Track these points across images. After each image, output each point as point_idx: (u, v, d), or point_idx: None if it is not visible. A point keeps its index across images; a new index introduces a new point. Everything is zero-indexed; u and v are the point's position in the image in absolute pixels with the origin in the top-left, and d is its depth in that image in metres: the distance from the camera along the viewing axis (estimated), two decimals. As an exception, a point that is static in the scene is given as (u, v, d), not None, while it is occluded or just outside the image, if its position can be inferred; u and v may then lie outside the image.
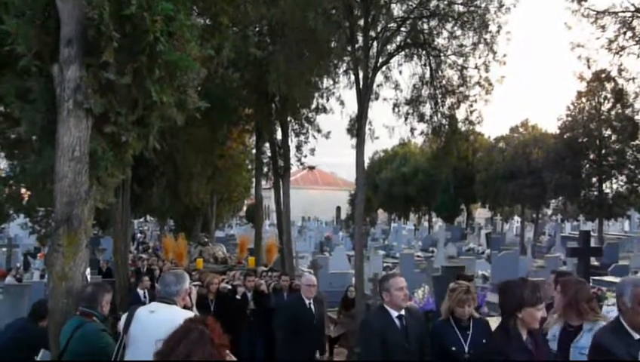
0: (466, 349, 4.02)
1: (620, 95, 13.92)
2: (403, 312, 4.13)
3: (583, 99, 24.54)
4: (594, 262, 18.18)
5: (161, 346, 2.17)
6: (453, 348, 4.02)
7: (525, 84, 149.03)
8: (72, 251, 4.23)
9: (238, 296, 7.77)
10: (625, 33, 10.11)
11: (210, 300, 7.52)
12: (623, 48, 10.19)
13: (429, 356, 4.20)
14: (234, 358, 2.38)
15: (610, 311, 6.69)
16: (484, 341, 3.93)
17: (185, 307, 4.00)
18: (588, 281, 10.00)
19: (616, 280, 10.11)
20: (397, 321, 4.10)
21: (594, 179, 25.01)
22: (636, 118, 14.08)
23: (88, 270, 4.51)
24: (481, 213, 49.04)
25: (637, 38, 9.99)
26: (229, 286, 8.02)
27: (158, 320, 3.61)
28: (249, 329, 7.74)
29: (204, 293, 7.45)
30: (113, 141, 4.60)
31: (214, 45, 5.29)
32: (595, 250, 11.13)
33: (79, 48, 4.18)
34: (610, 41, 10.29)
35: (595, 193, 24.85)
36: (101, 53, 4.09)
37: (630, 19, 10.05)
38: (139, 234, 35.71)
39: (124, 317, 3.89)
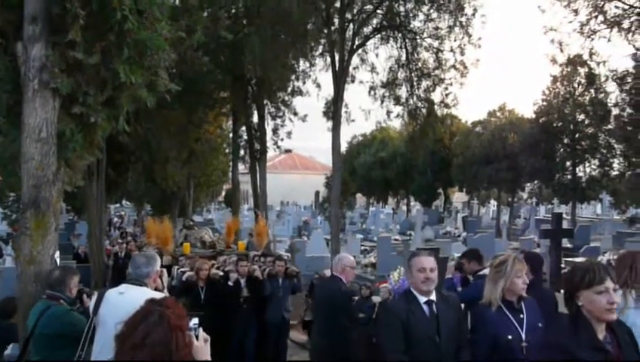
0: (524, 336, 3.30)
1: (591, 78, 14.13)
2: (433, 297, 3.45)
3: (558, 84, 24.86)
4: (567, 244, 18.63)
5: (120, 328, 2.14)
6: (509, 337, 3.27)
7: (503, 69, 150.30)
8: (39, 234, 4.16)
9: (230, 283, 7.26)
10: (596, 17, 10.23)
11: (201, 287, 7.11)
12: (594, 32, 10.30)
13: (466, 352, 3.47)
14: (195, 342, 2.34)
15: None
16: (539, 324, 3.37)
17: (156, 289, 3.98)
18: (560, 262, 10.28)
19: (587, 261, 10.35)
20: (425, 308, 3.42)
21: (568, 163, 25.45)
22: (608, 101, 14.31)
23: (57, 253, 4.44)
24: (458, 197, 49.60)
25: (608, 22, 10.10)
26: (221, 273, 7.52)
27: (127, 301, 3.57)
28: (242, 318, 7.30)
29: (194, 280, 7.10)
30: (82, 122, 4.50)
31: (183, 27, 5.18)
32: (566, 232, 11.35)
33: (44, 26, 4.06)
34: (582, 25, 10.41)
35: (569, 177, 25.32)
36: (67, 32, 3.99)
37: (602, 3, 10.16)
38: (116, 219, 35.30)
39: (94, 298, 3.85)
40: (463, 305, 5.92)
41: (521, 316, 3.36)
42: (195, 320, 2.50)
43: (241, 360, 7.24)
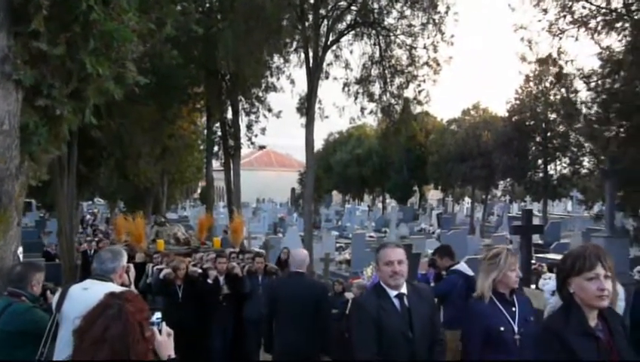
0: (516, 329, 3.26)
1: (559, 76, 14.41)
2: (404, 290, 3.30)
3: (531, 83, 25.26)
4: (538, 240, 18.99)
5: (79, 323, 2.10)
6: (502, 328, 3.24)
7: (476, 67, 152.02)
8: (1, 229, 4.07)
9: (209, 280, 7.01)
10: (565, 17, 10.42)
11: (178, 286, 6.85)
12: (562, 31, 10.50)
13: (440, 349, 3.41)
14: (158, 336, 2.31)
15: (545, 284, 7.01)
16: (531, 318, 3.35)
17: (123, 285, 3.91)
18: (530, 258, 10.48)
19: (558, 256, 10.60)
20: (396, 302, 3.27)
21: (540, 161, 25.87)
22: (576, 99, 14.61)
23: (21, 249, 4.34)
24: (433, 195, 50.06)
25: (576, 22, 10.31)
26: (199, 270, 7.27)
27: (91, 297, 3.48)
28: (221, 315, 7.09)
29: (172, 278, 6.83)
30: (47, 115, 4.41)
31: (153, 19, 5.10)
32: (536, 228, 11.58)
33: (5, 15, 3.96)
34: (551, 24, 10.59)
35: (541, 175, 25.75)
36: (30, 21, 3.90)
37: (570, 3, 10.37)
38: (88, 216, 34.73)
39: (57, 294, 3.77)
40: (436, 300, 6.04)
41: (514, 309, 3.31)
42: (157, 315, 2.46)
43: (219, 358, 7.09)
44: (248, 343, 7.18)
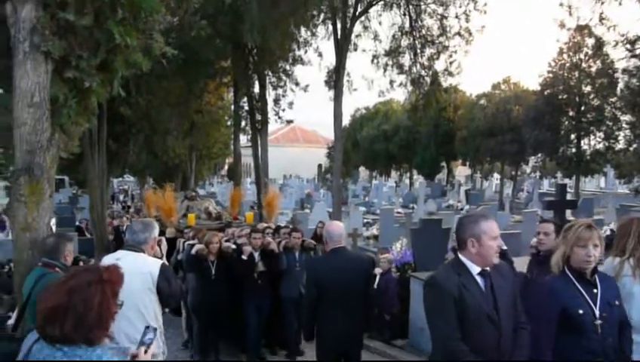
0: (597, 313, 2.92)
1: (599, 45, 13.81)
2: (488, 268, 2.92)
3: (564, 55, 24.45)
4: (570, 217, 18.57)
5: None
6: (580, 311, 2.91)
7: (509, 41, 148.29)
8: (34, 201, 4.09)
9: (244, 257, 6.64)
10: (609, -22, 9.93)
11: (211, 262, 6.54)
12: (605, -5, 10.02)
13: (525, 336, 2.97)
14: (142, 355, 2.32)
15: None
16: (616, 302, 3.01)
17: (154, 256, 3.92)
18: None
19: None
20: (480, 280, 2.89)
21: (572, 136, 25.15)
22: (615, 68, 14.01)
23: (54, 221, 4.39)
24: (461, 171, 49.47)
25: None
26: (233, 246, 6.91)
27: (123, 267, 3.53)
28: (256, 294, 6.71)
29: (205, 253, 6.53)
30: (76, 87, 4.38)
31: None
32: (570, 203, 11.24)
33: (33, -15, 3.92)
34: (593, -13, 10.11)
35: (573, 150, 25.07)
36: (58, -8, 3.86)
37: (614, -36, 9.85)
38: (121, 196, 35.34)
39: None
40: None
41: (595, 291, 2.97)
42: (150, 335, 2.46)
43: (256, 338, 6.85)
44: (286, 323, 6.88)
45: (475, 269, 2.89)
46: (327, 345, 4.42)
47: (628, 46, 10.47)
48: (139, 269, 3.56)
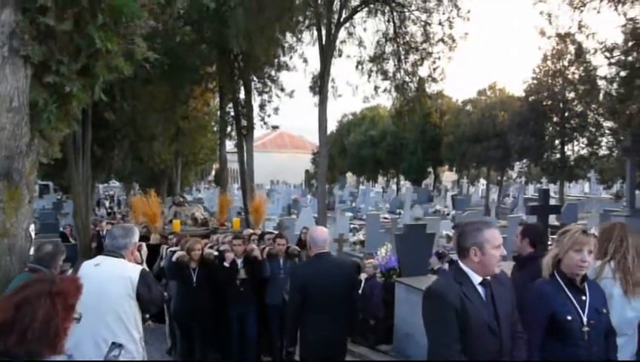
0: (585, 320, 2.90)
1: (579, 51, 14.05)
2: (488, 276, 2.84)
3: (548, 62, 24.77)
4: (555, 222, 18.76)
5: None
6: (569, 317, 2.89)
7: (493, 47, 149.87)
8: (13, 207, 4.04)
9: (226, 264, 6.53)
10: (587, -12, 10.12)
11: (193, 269, 6.41)
12: (584, 4, 10.18)
13: (523, 346, 2.90)
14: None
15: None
16: (604, 310, 3.00)
17: (135, 262, 3.89)
18: (547, 239, 10.33)
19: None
20: (481, 290, 2.79)
21: (557, 142, 25.46)
22: (596, 75, 14.25)
23: (33, 227, 4.34)
24: (448, 176, 49.76)
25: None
26: (215, 253, 6.76)
27: (102, 272, 3.51)
28: (239, 301, 6.59)
29: (186, 260, 6.38)
30: (56, 92, 4.36)
31: (164, -7, 5.01)
32: (553, 208, 11.35)
33: (12, -11, 3.90)
34: (572, -4, 10.28)
35: (558, 155, 25.37)
36: (38, -3, 3.84)
37: (593, -28, 10.03)
38: (107, 202, 35.02)
39: (70, 271, 3.77)
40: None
41: (584, 298, 2.95)
42: (114, 352, 2.41)
43: (241, 347, 6.65)
44: (271, 330, 6.73)
45: (477, 279, 2.79)
46: (311, 351, 4.36)
47: (607, 54, 10.65)
48: (118, 275, 3.53)
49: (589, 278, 3.06)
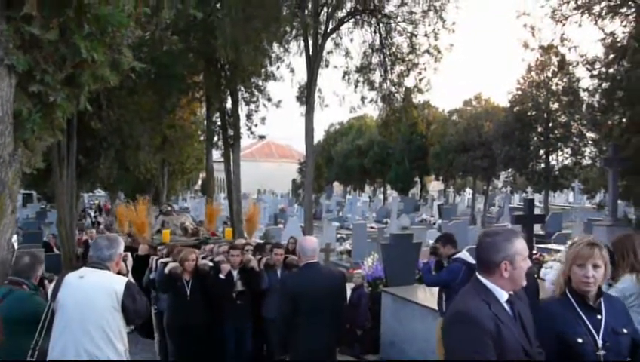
0: (600, 343, 2.57)
1: (562, 64, 14.31)
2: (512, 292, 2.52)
3: (532, 73, 25.10)
4: (539, 231, 18.92)
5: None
6: (580, 340, 2.56)
7: (479, 58, 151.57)
8: (-5, 217, 4.00)
9: (222, 275, 6.28)
10: (568, 2, 10.32)
11: (186, 281, 6.13)
12: (566, 17, 10.38)
13: (541, 356, 2.56)
14: None
15: (547, 273, 6.96)
16: (624, 331, 2.64)
17: (119, 273, 3.85)
18: (532, 248, 10.44)
19: (559, 247, 10.55)
20: (508, 308, 2.45)
21: (541, 152, 25.74)
22: (578, 87, 14.53)
23: (15, 237, 4.29)
24: (434, 186, 50.02)
25: (579, 7, 10.19)
26: (210, 264, 6.50)
27: (86, 285, 3.47)
28: (236, 314, 6.36)
29: (179, 272, 6.11)
30: (40, 101, 4.33)
31: (150, 4, 5.01)
32: (538, 218, 11.48)
33: (-4, -2, 3.87)
34: (554, 10, 10.47)
35: (542, 165, 25.63)
36: (22, 5, 3.82)
37: (574, -12, 10.24)
38: (92, 212, 34.62)
39: (53, 283, 3.72)
40: (437, 289, 5.97)
41: (599, 317, 2.61)
42: None
43: (234, 361, 6.43)
44: (270, 344, 6.47)
45: (503, 296, 2.45)
46: (301, 360, 4.36)
47: (588, 66, 10.87)
48: (104, 288, 3.48)
49: (606, 294, 2.76)
